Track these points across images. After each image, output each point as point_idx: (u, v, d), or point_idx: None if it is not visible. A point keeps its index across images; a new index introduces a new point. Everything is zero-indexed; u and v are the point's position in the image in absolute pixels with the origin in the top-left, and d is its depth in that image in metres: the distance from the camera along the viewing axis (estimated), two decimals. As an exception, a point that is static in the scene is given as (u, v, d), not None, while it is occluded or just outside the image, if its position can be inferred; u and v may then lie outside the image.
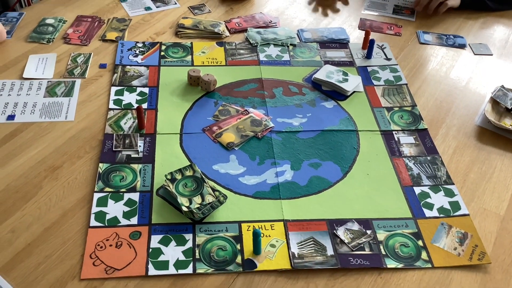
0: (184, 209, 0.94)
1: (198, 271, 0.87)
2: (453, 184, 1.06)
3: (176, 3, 1.56)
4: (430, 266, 0.91)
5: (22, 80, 1.23)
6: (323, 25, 1.53)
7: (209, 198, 0.96)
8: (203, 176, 1.00)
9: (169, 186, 0.98)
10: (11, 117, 1.12)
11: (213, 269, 0.88)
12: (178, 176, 1.00)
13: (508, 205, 1.03)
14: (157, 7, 1.54)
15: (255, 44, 1.40)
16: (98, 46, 1.37)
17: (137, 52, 1.35)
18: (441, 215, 1.00)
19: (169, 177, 1.00)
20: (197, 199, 0.96)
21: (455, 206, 1.02)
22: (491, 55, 1.45)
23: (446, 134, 1.18)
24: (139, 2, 1.56)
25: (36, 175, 1.02)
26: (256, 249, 0.90)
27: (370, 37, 1.39)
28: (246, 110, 1.19)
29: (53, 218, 0.94)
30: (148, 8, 1.53)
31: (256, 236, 0.89)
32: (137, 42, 1.39)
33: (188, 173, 1.01)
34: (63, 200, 0.97)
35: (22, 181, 1.00)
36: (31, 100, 1.17)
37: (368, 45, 1.38)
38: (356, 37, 1.48)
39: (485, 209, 1.02)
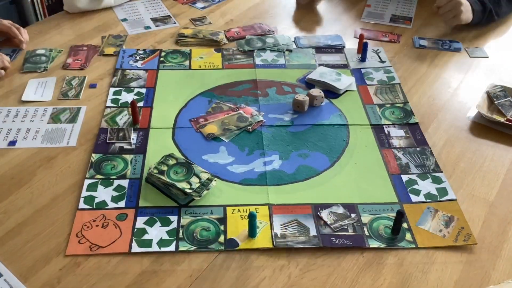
0: (189, 191, 0.96)
1: (181, 249, 0.89)
2: (441, 172, 1.06)
3: (175, 22, 1.60)
4: (414, 246, 0.91)
5: (27, 107, 1.21)
6: (319, 33, 1.57)
7: (204, 175, 1.00)
8: (187, 160, 1.03)
9: (160, 179, 0.99)
10: (12, 143, 1.11)
11: (195, 247, 0.89)
12: (164, 168, 1.02)
13: (498, 191, 1.03)
14: (156, 26, 1.57)
15: (243, 50, 1.43)
16: (97, 62, 1.39)
17: (138, 58, 1.40)
18: (428, 200, 1.00)
19: (155, 171, 1.01)
20: (195, 180, 0.99)
21: (443, 192, 1.01)
22: (487, 57, 1.46)
23: (437, 128, 1.19)
24: (139, 22, 1.59)
25: (31, 164, 1.05)
26: (252, 232, 0.91)
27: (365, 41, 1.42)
28: (238, 108, 1.22)
29: (44, 202, 0.97)
30: (147, 27, 1.56)
31: (252, 218, 0.90)
32: (138, 49, 1.44)
33: (171, 162, 1.03)
34: (55, 186, 1.01)
35: (18, 170, 1.04)
36: (34, 126, 1.15)
37: (362, 48, 1.41)
38: (353, 44, 1.51)
39: (474, 195, 1.02)
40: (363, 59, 1.41)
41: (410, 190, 1.02)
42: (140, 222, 0.93)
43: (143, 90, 1.28)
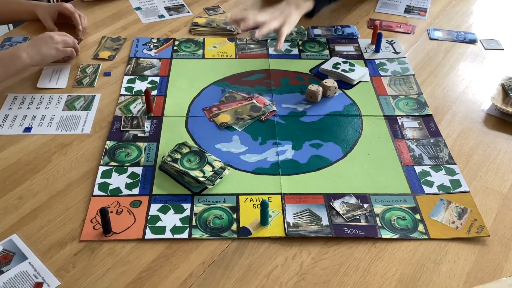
0: (202, 179, 0.97)
1: (194, 236, 0.90)
2: (455, 164, 1.06)
3: (189, 12, 1.60)
4: (427, 237, 0.91)
5: (42, 94, 1.22)
6: (333, 23, 1.56)
7: (217, 164, 1.00)
8: (201, 148, 1.04)
9: (174, 167, 1.00)
10: (27, 130, 1.12)
11: (208, 235, 0.90)
12: (178, 156, 1.03)
13: (512, 184, 1.02)
14: (170, 15, 1.57)
15: (256, 40, 1.43)
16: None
17: (151, 46, 1.40)
18: (441, 192, 0.99)
19: (169, 159, 1.02)
20: (208, 168, 0.99)
21: (456, 183, 1.01)
22: (502, 49, 1.44)
23: (451, 120, 1.18)
24: (153, 10, 1.60)
25: (46, 151, 1.07)
26: (264, 220, 0.91)
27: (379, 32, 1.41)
28: (251, 97, 1.22)
29: (59, 188, 0.98)
30: (161, 16, 1.56)
31: (264, 206, 0.90)
32: (152, 38, 1.45)
33: (185, 150, 1.04)
34: (70, 172, 1.02)
35: (33, 156, 1.05)
36: (49, 113, 1.16)
37: (376, 38, 1.40)
38: (367, 35, 1.50)
39: (487, 187, 1.01)
40: (377, 50, 1.41)
41: (423, 182, 1.01)
42: (154, 209, 0.94)
43: (157, 79, 1.28)
